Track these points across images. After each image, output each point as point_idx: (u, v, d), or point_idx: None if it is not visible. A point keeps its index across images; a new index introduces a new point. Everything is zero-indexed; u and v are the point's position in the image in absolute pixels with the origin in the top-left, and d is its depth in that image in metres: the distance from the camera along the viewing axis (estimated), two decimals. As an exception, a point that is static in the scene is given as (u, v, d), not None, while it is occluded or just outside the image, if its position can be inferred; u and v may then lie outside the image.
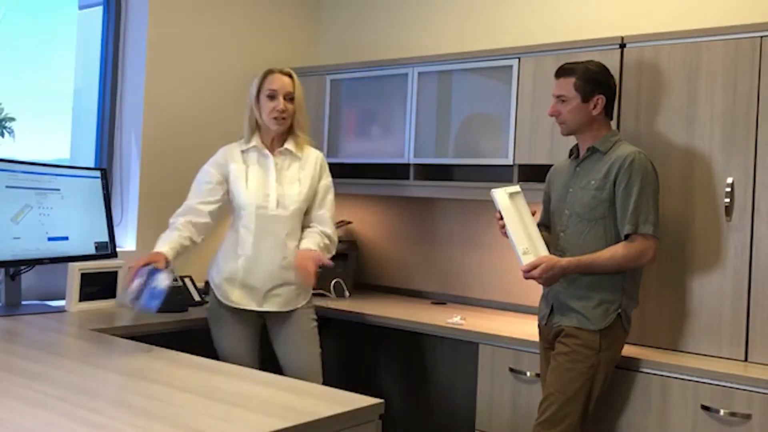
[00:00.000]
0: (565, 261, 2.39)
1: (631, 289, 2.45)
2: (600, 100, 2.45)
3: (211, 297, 2.82)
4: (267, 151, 2.77)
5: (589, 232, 2.43)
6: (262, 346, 2.82)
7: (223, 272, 2.76)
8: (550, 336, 2.50)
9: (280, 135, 2.78)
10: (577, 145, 2.55)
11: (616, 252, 2.37)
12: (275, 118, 2.71)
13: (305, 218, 2.80)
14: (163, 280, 2.07)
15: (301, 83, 2.79)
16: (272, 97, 2.71)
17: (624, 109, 2.70)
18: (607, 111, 2.50)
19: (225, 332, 2.76)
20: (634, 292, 2.46)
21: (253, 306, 2.73)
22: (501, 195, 2.50)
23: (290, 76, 2.75)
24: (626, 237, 2.37)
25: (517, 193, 2.52)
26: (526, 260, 2.39)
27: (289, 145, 2.78)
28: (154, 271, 2.06)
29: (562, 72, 2.49)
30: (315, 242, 2.70)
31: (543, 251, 2.42)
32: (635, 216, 2.35)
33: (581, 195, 2.46)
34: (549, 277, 2.39)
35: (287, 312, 2.76)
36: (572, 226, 2.47)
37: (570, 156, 2.58)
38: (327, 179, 2.85)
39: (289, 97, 2.73)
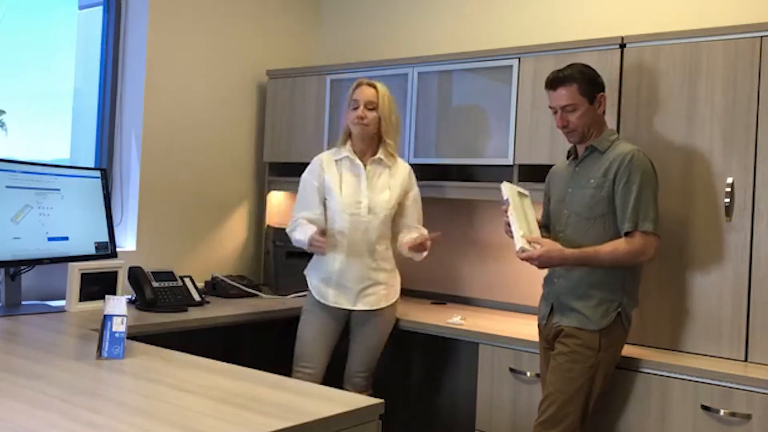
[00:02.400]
0: (568, 251, 2.38)
1: (631, 288, 2.45)
2: (603, 97, 2.47)
3: (308, 294, 3.03)
4: (358, 161, 2.95)
5: (589, 230, 2.43)
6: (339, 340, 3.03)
7: (320, 273, 2.97)
8: (549, 336, 2.50)
9: (370, 144, 2.96)
10: (574, 146, 2.55)
11: (617, 246, 2.37)
12: (356, 124, 2.92)
13: (397, 225, 3.01)
14: (119, 324, 2.07)
15: (388, 95, 2.96)
16: (355, 107, 2.93)
17: (624, 109, 2.70)
18: (605, 109, 2.52)
19: (312, 325, 2.96)
20: (634, 292, 2.46)
21: (347, 305, 2.94)
22: (510, 188, 2.54)
23: (375, 87, 2.95)
24: (626, 234, 2.37)
25: (526, 195, 2.58)
26: (523, 242, 2.39)
27: (380, 154, 2.95)
28: (108, 318, 2.06)
29: (560, 81, 2.45)
30: (413, 234, 2.97)
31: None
32: (635, 213, 2.35)
33: (580, 194, 2.46)
34: (546, 260, 2.37)
35: (375, 311, 2.95)
36: (572, 226, 2.47)
37: (568, 157, 2.59)
38: (416, 188, 3.06)
39: (371, 106, 2.92)
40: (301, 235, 2.91)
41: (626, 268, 2.42)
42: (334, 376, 2.99)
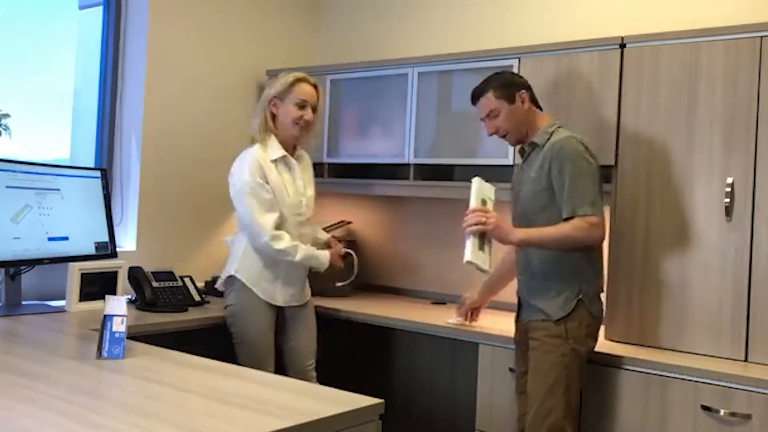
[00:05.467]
0: (519, 231, 2.45)
1: (590, 273, 2.47)
2: (523, 93, 2.53)
3: (240, 293, 2.85)
4: (291, 159, 2.90)
5: (533, 223, 2.47)
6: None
7: (264, 273, 2.86)
8: (522, 331, 2.57)
9: (296, 142, 2.94)
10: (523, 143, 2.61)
11: (561, 227, 2.40)
12: (300, 126, 2.86)
13: None
14: (119, 324, 2.07)
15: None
16: (302, 106, 2.84)
17: (624, 109, 2.70)
18: (535, 103, 2.57)
19: (263, 326, 2.86)
20: (594, 277, 2.48)
21: (294, 302, 2.95)
22: (478, 184, 2.58)
23: (315, 87, 2.90)
24: (565, 220, 2.40)
25: (491, 189, 2.61)
26: (469, 257, 2.43)
27: (300, 150, 2.97)
28: (108, 318, 2.06)
29: (475, 96, 2.58)
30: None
31: (487, 262, 2.47)
32: (571, 200, 2.38)
33: (525, 190, 2.53)
34: (496, 226, 2.42)
35: (303, 304, 2.99)
36: (520, 222, 2.54)
37: (521, 155, 2.65)
38: None
39: (314, 108, 2.87)
40: (319, 260, 2.88)
41: (580, 256, 2.44)
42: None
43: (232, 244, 2.96)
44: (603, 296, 2.54)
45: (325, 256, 2.90)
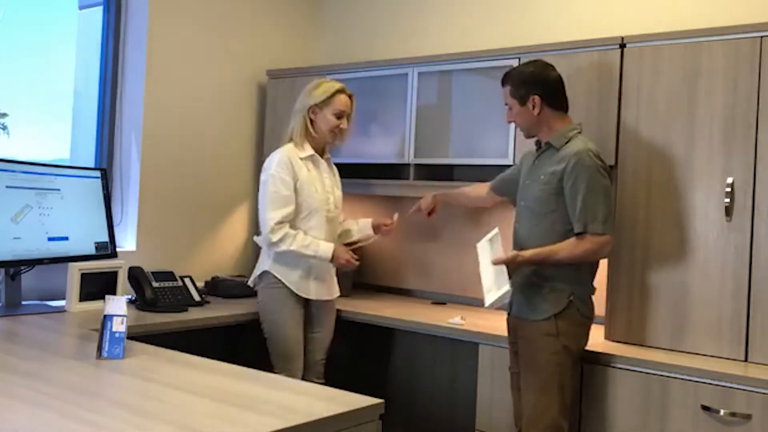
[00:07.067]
0: (523, 255, 2.42)
1: (584, 276, 2.49)
2: (535, 100, 2.49)
3: (271, 288, 2.96)
4: (320, 158, 3.04)
5: (538, 225, 2.47)
6: None
7: (298, 269, 2.96)
8: (513, 328, 2.57)
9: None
10: (539, 138, 2.61)
11: (575, 248, 2.39)
12: (335, 134, 3.02)
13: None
14: (119, 324, 2.08)
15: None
16: (339, 116, 2.99)
17: (624, 109, 2.70)
18: (555, 106, 2.52)
19: (294, 321, 2.96)
20: (587, 279, 2.50)
21: (325, 296, 3.04)
22: (482, 246, 2.59)
23: (351, 97, 3.05)
24: (577, 235, 2.40)
25: (495, 235, 2.58)
26: (489, 298, 2.42)
27: (327, 154, 3.11)
28: (108, 318, 2.06)
29: (502, 81, 2.58)
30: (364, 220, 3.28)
31: (505, 284, 2.38)
32: (584, 215, 2.38)
33: (533, 188, 2.52)
34: (513, 269, 2.43)
35: (330, 299, 3.08)
36: (524, 219, 2.54)
37: (536, 147, 2.64)
38: None
39: (348, 117, 3.04)
40: (317, 251, 2.89)
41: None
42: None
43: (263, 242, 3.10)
44: (594, 298, 2.54)
45: (325, 249, 2.91)
